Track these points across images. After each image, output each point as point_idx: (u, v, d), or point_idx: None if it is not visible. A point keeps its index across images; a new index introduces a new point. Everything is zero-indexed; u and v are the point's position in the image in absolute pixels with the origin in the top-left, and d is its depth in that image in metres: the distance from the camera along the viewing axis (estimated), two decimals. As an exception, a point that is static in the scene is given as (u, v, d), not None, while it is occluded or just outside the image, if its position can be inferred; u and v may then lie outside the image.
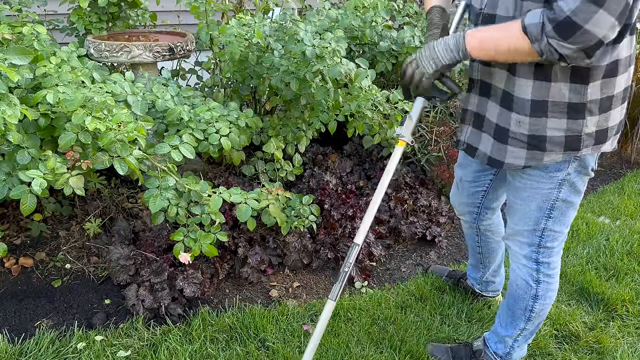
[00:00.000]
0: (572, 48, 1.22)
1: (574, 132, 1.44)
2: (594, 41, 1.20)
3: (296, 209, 2.35)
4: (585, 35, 1.19)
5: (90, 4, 2.73)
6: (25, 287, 2.23)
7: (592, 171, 1.54)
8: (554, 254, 1.67)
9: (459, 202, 2.02)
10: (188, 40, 2.77)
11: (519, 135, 1.49)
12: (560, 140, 1.45)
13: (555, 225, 1.60)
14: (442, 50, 1.44)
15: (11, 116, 1.60)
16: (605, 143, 1.49)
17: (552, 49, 1.24)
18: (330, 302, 1.69)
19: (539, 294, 1.71)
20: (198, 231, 2.06)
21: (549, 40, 1.23)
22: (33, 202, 1.72)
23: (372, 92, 2.33)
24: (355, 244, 1.72)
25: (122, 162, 1.83)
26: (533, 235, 1.64)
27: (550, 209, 1.57)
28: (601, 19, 1.17)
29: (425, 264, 2.60)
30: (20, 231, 2.50)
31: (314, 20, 2.56)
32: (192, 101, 2.34)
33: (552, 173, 1.52)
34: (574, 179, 1.53)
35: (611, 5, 1.16)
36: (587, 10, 1.16)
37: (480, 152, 1.63)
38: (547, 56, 1.26)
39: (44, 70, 2.05)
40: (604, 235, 2.84)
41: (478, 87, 1.60)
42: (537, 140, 1.47)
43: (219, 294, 2.28)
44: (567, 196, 1.55)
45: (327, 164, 2.97)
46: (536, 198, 1.57)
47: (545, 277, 1.69)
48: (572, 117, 1.42)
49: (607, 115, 1.45)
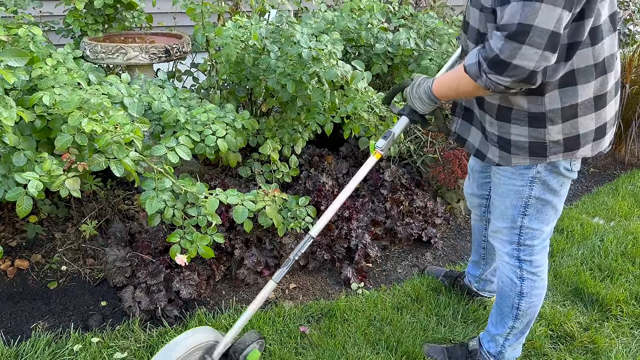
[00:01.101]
0: (509, 81, 1.30)
1: (537, 140, 1.50)
2: (527, 73, 1.27)
3: (292, 211, 2.35)
4: (516, 69, 1.27)
5: (86, 5, 2.72)
6: (21, 289, 2.23)
7: (567, 171, 1.56)
8: (535, 252, 1.71)
9: (471, 193, 2.07)
10: (184, 42, 2.77)
11: (491, 134, 1.60)
12: (524, 145, 1.52)
13: (532, 223, 1.64)
14: (419, 104, 1.66)
15: (7, 118, 1.60)
16: (579, 149, 1.51)
17: (494, 83, 1.32)
18: (272, 282, 1.74)
19: (524, 291, 1.75)
20: (194, 233, 2.06)
21: (487, 76, 1.32)
22: (29, 204, 1.72)
23: (368, 94, 2.34)
24: (310, 236, 1.76)
25: (118, 163, 1.83)
26: (512, 232, 1.69)
27: (524, 207, 1.62)
28: (526, 53, 1.24)
29: (421, 265, 2.61)
30: (15, 233, 2.50)
31: (310, 22, 2.57)
32: (188, 103, 2.34)
33: (522, 171, 1.58)
34: (545, 178, 1.56)
35: (535, 40, 1.22)
36: (510, 47, 1.24)
37: (469, 143, 1.73)
38: (493, 89, 1.35)
39: (40, 72, 2.05)
40: (598, 236, 2.86)
41: None
42: (504, 142, 1.56)
43: (216, 295, 2.28)
44: (540, 194, 1.59)
45: (323, 166, 2.97)
46: (510, 194, 1.64)
47: (529, 274, 1.73)
48: (533, 125, 1.49)
49: (574, 123, 1.47)
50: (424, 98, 1.63)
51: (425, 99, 1.62)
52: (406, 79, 2.84)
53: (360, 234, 2.55)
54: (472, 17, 1.49)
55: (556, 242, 2.76)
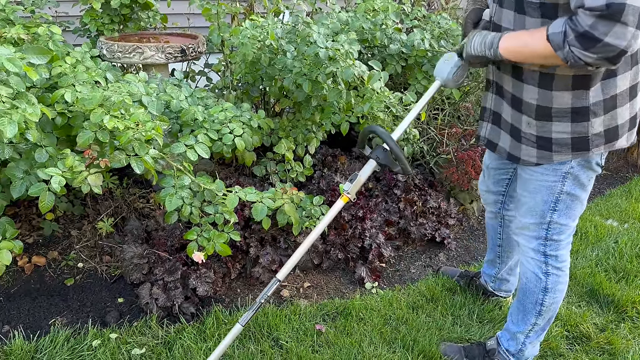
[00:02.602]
0: (594, 57, 1.27)
1: (581, 134, 1.50)
2: (616, 52, 1.24)
3: (307, 210, 2.36)
4: (606, 47, 1.24)
5: (102, 5, 2.75)
6: (39, 285, 2.24)
7: (597, 166, 1.59)
8: (561, 247, 1.72)
9: (486, 190, 2.08)
10: (199, 42, 2.79)
11: (529, 135, 1.58)
12: (566, 142, 1.52)
13: (561, 218, 1.66)
14: (477, 43, 1.56)
15: (32, 114, 1.62)
16: (617, 140, 1.54)
17: (575, 57, 1.29)
18: (238, 325, 1.74)
19: (549, 286, 1.76)
20: (211, 230, 2.07)
21: (571, 48, 1.28)
22: (51, 199, 1.74)
23: (384, 94, 2.34)
24: (277, 279, 1.77)
25: (138, 160, 1.84)
26: (540, 228, 1.70)
27: (555, 202, 1.63)
28: (620, 31, 1.21)
29: (434, 265, 2.62)
30: (32, 230, 2.52)
31: (327, 22, 2.58)
32: (205, 102, 2.36)
33: (556, 166, 1.58)
34: (577, 173, 1.58)
35: (629, 18, 1.20)
36: (604, 24, 1.21)
37: (501, 147, 1.73)
38: (571, 63, 1.31)
39: (59, 69, 2.07)
40: (612, 237, 2.85)
41: (494, 87, 1.70)
42: (544, 141, 1.55)
43: (231, 293, 2.29)
44: (571, 189, 1.61)
45: (336, 166, 2.98)
46: (541, 190, 1.64)
47: (554, 269, 1.74)
48: (577, 120, 1.49)
49: (614, 114, 1.50)
50: (486, 42, 1.52)
51: (488, 43, 1.52)
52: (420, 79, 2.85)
53: (374, 233, 2.55)
54: None
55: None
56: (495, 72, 1.67)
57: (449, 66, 1.74)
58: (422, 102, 1.81)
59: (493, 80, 1.69)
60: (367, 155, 1.82)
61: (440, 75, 1.77)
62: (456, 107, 3.20)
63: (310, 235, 1.81)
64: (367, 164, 1.82)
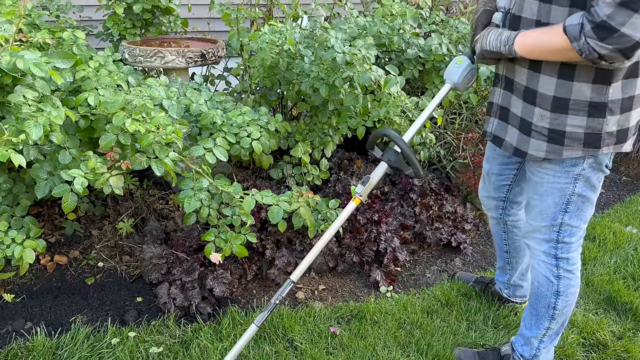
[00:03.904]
0: (609, 48, 1.29)
1: (594, 130, 1.51)
2: (631, 43, 1.27)
3: (323, 213, 2.38)
4: (622, 37, 1.26)
5: (125, 10, 2.82)
6: (60, 283, 2.30)
7: (606, 168, 1.61)
8: (572, 250, 1.73)
9: (487, 196, 2.08)
10: (219, 47, 2.83)
11: (540, 128, 1.58)
12: (579, 137, 1.53)
13: (572, 220, 1.67)
14: (493, 39, 1.58)
15: (57, 117, 1.67)
16: (625, 142, 1.56)
17: (590, 49, 1.31)
18: (253, 326, 1.77)
19: (561, 289, 1.76)
20: (229, 232, 2.10)
21: (587, 39, 1.31)
22: (74, 200, 1.79)
23: (401, 99, 2.36)
24: (291, 280, 1.80)
25: (159, 163, 1.89)
26: (551, 230, 1.70)
27: (566, 204, 1.64)
28: (637, 22, 1.24)
29: (450, 270, 2.61)
30: (54, 230, 2.58)
31: (344, 27, 2.60)
32: (224, 106, 2.40)
33: (567, 168, 1.59)
34: (588, 174, 1.59)
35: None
36: (622, 14, 1.24)
37: (507, 142, 1.72)
38: (586, 55, 1.34)
39: (83, 73, 2.13)
40: (631, 245, 2.82)
41: (503, 82, 1.70)
42: (557, 134, 1.55)
43: (247, 294, 2.32)
44: (582, 191, 1.62)
45: (352, 169, 2.99)
46: (553, 193, 1.65)
47: (566, 272, 1.74)
48: (593, 115, 1.50)
49: (628, 115, 1.52)
50: (502, 38, 1.55)
51: (504, 40, 1.54)
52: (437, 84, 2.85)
53: (389, 237, 2.56)
54: None
55: (588, 250, 2.73)
56: (507, 66, 1.66)
57: (460, 69, 1.76)
58: (432, 105, 1.83)
59: (503, 74, 1.70)
60: (379, 157, 1.83)
61: (450, 79, 1.80)
62: (473, 112, 3.19)
63: (324, 237, 1.83)
64: (378, 166, 1.84)
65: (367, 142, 1.89)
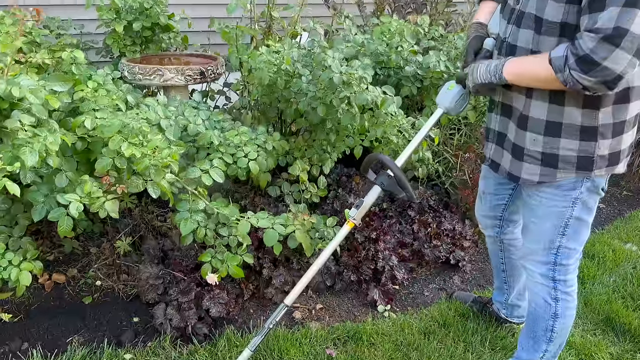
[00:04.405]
0: (592, 80, 1.33)
1: (587, 153, 1.54)
2: (613, 76, 1.30)
3: (320, 231, 2.38)
4: (604, 70, 1.30)
5: (125, 28, 2.83)
6: (58, 302, 2.31)
7: (602, 191, 1.63)
8: (569, 272, 1.74)
9: (483, 215, 2.09)
10: (218, 64, 2.85)
11: (533, 152, 1.60)
12: (572, 159, 1.55)
13: (569, 243, 1.68)
14: (482, 71, 1.60)
15: (52, 143, 1.68)
16: (618, 165, 1.59)
17: (574, 80, 1.35)
18: (247, 351, 1.78)
19: (559, 312, 1.77)
20: (225, 252, 2.11)
21: (571, 71, 1.34)
22: (70, 224, 1.80)
23: (398, 119, 2.36)
24: (284, 304, 1.81)
25: (155, 185, 1.89)
26: (548, 253, 1.71)
27: (564, 227, 1.65)
28: (618, 56, 1.27)
29: (448, 288, 2.61)
30: (53, 247, 2.59)
31: (342, 47, 2.61)
32: (222, 125, 2.41)
33: (565, 192, 1.60)
34: (586, 198, 1.61)
35: (627, 44, 1.26)
36: (605, 49, 1.28)
37: (502, 167, 1.75)
38: (570, 86, 1.38)
39: (81, 94, 2.14)
40: (631, 263, 2.80)
41: (499, 108, 1.72)
42: (550, 157, 1.57)
43: (244, 313, 2.32)
44: (580, 214, 1.63)
45: (351, 186, 2.99)
46: (551, 216, 1.66)
47: (563, 294, 1.75)
48: (585, 139, 1.52)
49: (620, 139, 1.54)
50: (491, 69, 1.58)
51: (492, 70, 1.57)
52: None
53: (387, 255, 2.55)
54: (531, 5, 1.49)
55: (587, 269, 2.72)
56: (503, 92, 1.68)
57: (451, 95, 1.79)
58: (424, 130, 1.85)
59: (498, 101, 1.72)
60: (372, 181, 1.84)
61: (442, 103, 1.82)
62: (472, 128, 3.19)
63: (317, 262, 1.84)
64: (372, 190, 1.85)
65: (361, 166, 1.90)
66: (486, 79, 1.59)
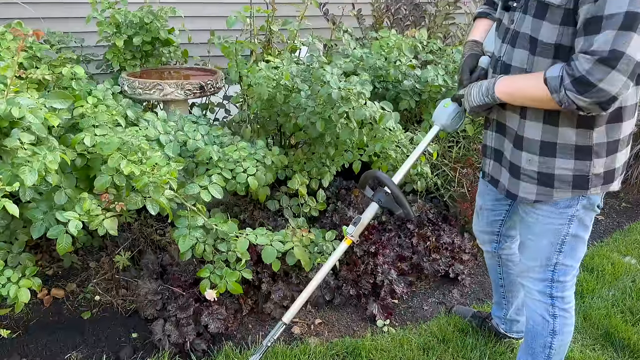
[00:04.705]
0: (587, 101, 1.34)
1: (582, 172, 1.55)
2: (608, 97, 1.32)
3: (319, 245, 2.38)
4: (600, 92, 1.31)
5: (125, 42, 2.85)
6: (57, 317, 2.31)
7: (598, 208, 1.64)
8: (567, 288, 1.75)
9: (480, 230, 2.10)
10: (218, 78, 2.86)
11: (529, 172, 1.61)
12: (568, 179, 1.56)
13: (566, 260, 1.69)
14: (475, 93, 1.63)
15: (52, 161, 1.69)
16: (613, 183, 1.60)
17: (569, 100, 1.37)
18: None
19: (556, 328, 1.77)
20: (224, 268, 2.11)
21: (566, 92, 1.36)
22: (69, 241, 1.80)
23: (396, 134, 2.37)
24: (282, 322, 1.81)
25: (154, 202, 1.90)
26: (545, 270, 1.72)
27: (561, 244, 1.66)
28: (614, 79, 1.29)
29: (448, 302, 2.60)
30: (52, 262, 2.59)
31: (340, 62, 2.62)
32: (221, 140, 2.42)
33: (562, 209, 1.61)
34: (582, 216, 1.62)
35: (622, 67, 1.28)
36: (601, 70, 1.29)
37: (501, 184, 1.76)
38: (565, 106, 1.39)
39: (81, 110, 2.15)
40: (630, 276, 2.80)
41: (494, 125, 1.74)
42: (546, 177, 1.59)
43: (242, 329, 2.32)
44: (576, 231, 1.65)
45: (350, 199, 3.00)
46: (547, 234, 1.67)
47: (561, 311, 1.76)
48: (580, 158, 1.54)
49: (614, 157, 1.56)
50: (483, 90, 1.60)
51: (484, 91, 1.59)
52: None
53: (386, 269, 2.55)
54: (526, 26, 1.50)
55: (586, 282, 2.72)
56: (497, 111, 1.69)
57: (447, 112, 1.80)
58: (422, 146, 1.86)
59: (494, 118, 1.73)
60: (369, 197, 1.85)
61: (439, 121, 1.83)
62: (471, 141, 3.20)
63: (315, 278, 1.84)
64: (369, 207, 1.86)
65: (359, 183, 1.91)
66: (480, 100, 1.62)
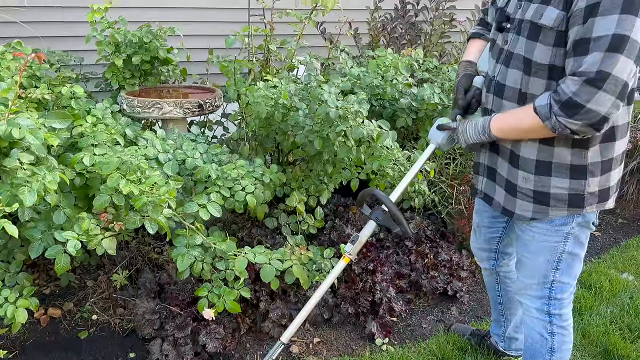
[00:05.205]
0: (578, 124, 1.37)
1: (577, 191, 1.57)
2: (598, 118, 1.35)
3: (317, 263, 2.38)
4: (589, 113, 1.34)
5: (124, 61, 2.87)
6: (53, 337, 2.29)
7: (593, 225, 1.67)
8: (564, 306, 1.76)
9: (478, 248, 2.11)
10: (216, 96, 2.88)
11: (525, 190, 1.63)
12: (563, 197, 1.58)
13: (563, 277, 1.70)
14: (471, 132, 1.66)
15: (51, 182, 1.69)
16: (608, 201, 1.62)
17: (562, 126, 1.39)
18: None
19: (555, 346, 1.78)
20: (222, 287, 2.10)
21: (557, 118, 1.39)
22: (67, 261, 1.80)
23: (393, 153, 2.39)
24: (281, 342, 1.82)
25: (152, 221, 1.90)
26: (543, 287, 1.73)
27: (557, 262, 1.68)
28: (601, 99, 1.32)
29: (446, 320, 2.60)
30: (49, 280, 2.58)
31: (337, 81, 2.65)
32: (219, 158, 2.43)
33: (557, 227, 1.63)
34: (578, 233, 1.64)
35: (610, 87, 1.31)
36: (587, 91, 1.32)
37: (496, 201, 1.77)
38: (559, 132, 1.42)
39: (80, 129, 2.17)
40: (627, 293, 2.80)
41: (487, 143, 1.74)
42: (542, 195, 1.60)
43: (240, 348, 2.31)
44: (572, 249, 1.66)
45: (347, 216, 3.00)
46: (544, 251, 1.68)
47: (559, 328, 1.76)
48: (575, 177, 1.56)
49: (608, 176, 1.58)
50: (479, 129, 1.62)
51: (480, 130, 1.62)
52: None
53: (385, 287, 2.55)
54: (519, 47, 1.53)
55: (584, 299, 2.72)
56: None
57: (441, 133, 1.81)
58: (418, 164, 1.88)
59: None
60: (367, 215, 1.86)
61: (434, 140, 1.85)
62: (468, 157, 3.22)
63: (314, 296, 1.85)
64: (367, 225, 1.87)
65: (357, 201, 1.92)
66: (476, 139, 1.65)
